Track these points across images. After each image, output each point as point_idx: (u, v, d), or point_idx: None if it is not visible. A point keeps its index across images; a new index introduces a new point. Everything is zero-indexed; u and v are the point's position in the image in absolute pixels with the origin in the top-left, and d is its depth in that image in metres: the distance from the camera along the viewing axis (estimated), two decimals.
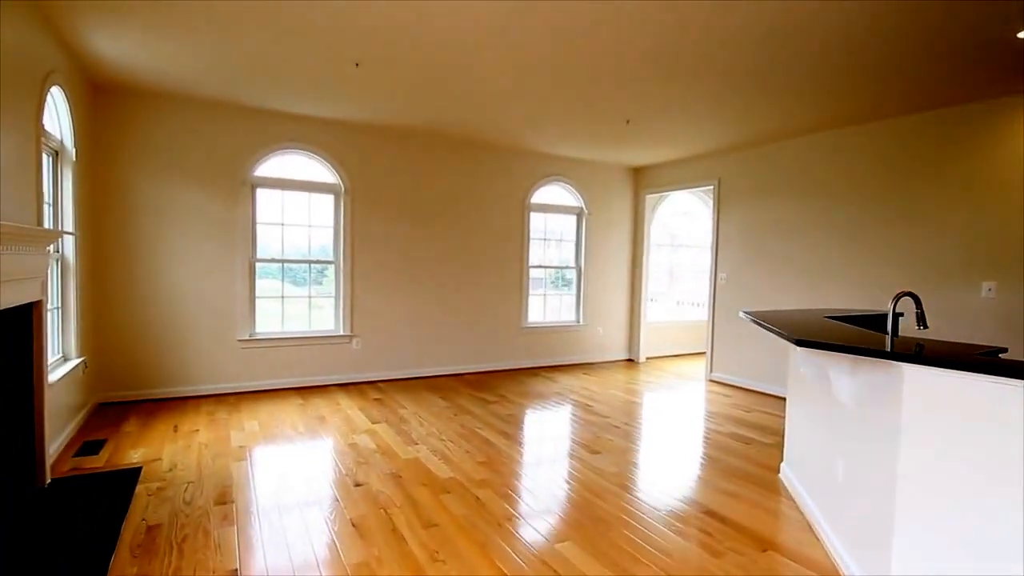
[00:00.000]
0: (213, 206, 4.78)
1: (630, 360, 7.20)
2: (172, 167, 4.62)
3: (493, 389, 5.39)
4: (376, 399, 4.88)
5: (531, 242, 6.47)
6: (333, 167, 5.26)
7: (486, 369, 6.21)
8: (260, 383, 5.04)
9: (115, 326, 4.49)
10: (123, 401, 4.55)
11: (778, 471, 3.42)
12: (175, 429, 3.93)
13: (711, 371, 6.13)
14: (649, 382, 5.97)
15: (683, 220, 8.45)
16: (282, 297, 5.20)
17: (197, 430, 3.93)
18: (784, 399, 5.22)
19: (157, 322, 4.63)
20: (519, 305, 6.39)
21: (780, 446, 3.87)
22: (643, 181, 7.10)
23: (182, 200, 4.67)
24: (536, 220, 6.56)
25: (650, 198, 7.10)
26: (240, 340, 4.93)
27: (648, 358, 7.33)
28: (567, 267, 6.88)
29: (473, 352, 6.13)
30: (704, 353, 7.70)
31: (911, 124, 4.43)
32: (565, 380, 5.91)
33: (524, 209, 6.37)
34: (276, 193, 5.12)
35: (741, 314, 3.51)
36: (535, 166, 6.40)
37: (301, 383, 5.21)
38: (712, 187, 6.12)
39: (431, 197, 5.77)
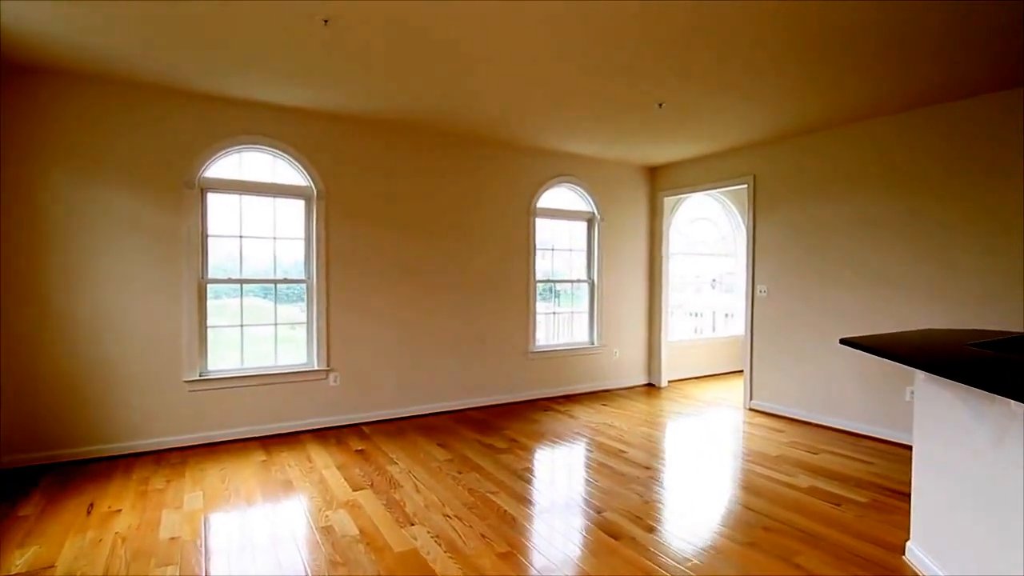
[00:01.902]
0: (151, 214, 3.83)
1: (650, 385, 6.33)
2: (98, 166, 3.67)
3: (500, 430, 4.47)
4: (359, 451, 3.93)
5: (537, 253, 5.60)
6: (302, 167, 4.34)
7: (489, 403, 5.29)
8: (213, 434, 4.05)
9: (21, 369, 3.50)
10: (35, 465, 3.55)
11: (902, 551, 2.55)
12: (89, 510, 2.95)
13: (750, 398, 5.28)
14: (680, 414, 5.09)
15: (696, 226, 7.65)
16: (241, 326, 4.24)
17: (119, 510, 2.95)
18: (856, 435, 4.37)
19: (78, 362, 3.64)
20: (525, 327, 5.50)
21: (885, 508, 3.01)
22: (661, 182, 6.28)
23: (111, 206, 3.71)
24: (542, 227, 5.70)
25: (668, 201, 6.28)
26: (187, 381, 3.96)
27: (670, 382, 6.47)
28: (579, 280, 6.01)
29: (474, 384, 5.20)
30: (731, 374, 6.92)
31: (999, 103, 3.66)
32: (583, 414, 5.01)
33: (529, 215, 5.50)
34: (232, 198, 4.19)
35: (840, 341, 2.66)
36: (540, 165, 5.55)
37: (266, 431, 4.24)
38: (745, 186, 5.32)
39: (421, 202, 4.88)
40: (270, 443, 4.07)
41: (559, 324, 5.98)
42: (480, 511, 2.95)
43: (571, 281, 5.98)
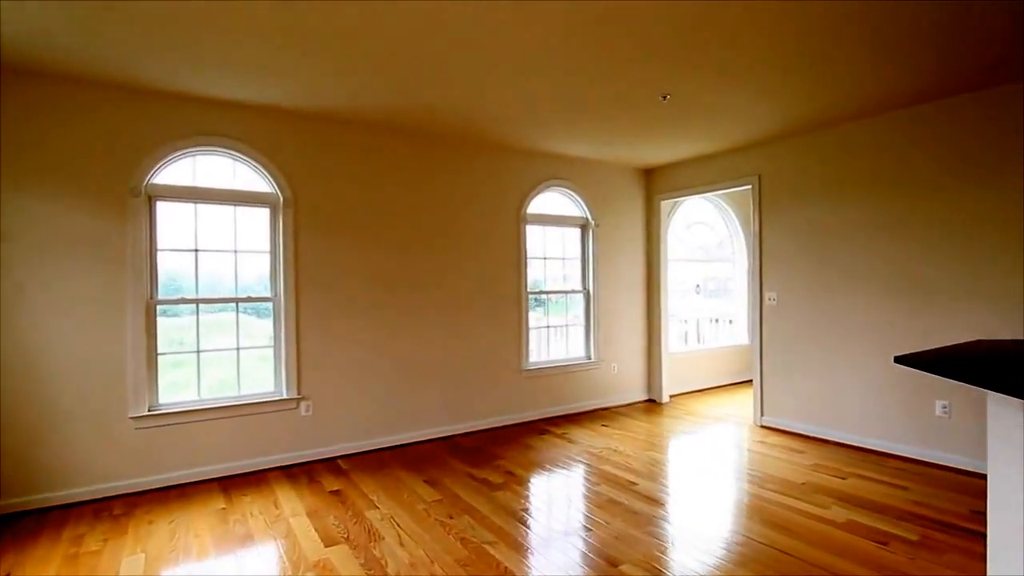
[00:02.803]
0: (89, 225, 3.34)
1: (651, 401, 5.94)
2: (26, 170, 3.17)
3: (494, 460, 4.02)
4: (334, 492, 3.45)
5: (529, 262, 5.19)
6: (267, 171, 3.88)
7: (481, 427, 4.83)
8: (165, 477, 3.54)
9: None
10: None
11: None
12: None
13: (761, 415, 4.91)
14: (687, 434, 4.69)
15: (692, 231, 7.32)
16: (197, 352, 3.74)
17: None
18: (881, 454, 4.00)
19: (2, 399, 3.12)
20: (518, 342, 5.07)
21: (937, 547, 2.63)
22: (657, 184, 5.93)
23: (40, 216, 3.21)
24: (533, 235, 5.29)
25: (664, 205, 5.93)
26: (134, 417, 3.45)
27: (671, 396, 6.09)
28: (573, 291, 5.61)
29: (463, 407, 4.75)
30: (733, 386, 6.56)
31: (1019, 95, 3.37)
32: (583, 437, 4.58)
33: (519, 221, 5.09)
34: (186, 207, 3.71)
35: (896, 360, 2.28)
36: (530, 168, 5.15)
37: (227, 471, 3.73)
38: (750, 187, 4.98)
39: (401, 210, 4.44)
40: (232, 485, 3.57)
41: (553, 338, 5.56)
42: (476, 569, 2.49)
43: (565, 292, 5.58)
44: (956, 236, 3.70)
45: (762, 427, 4.86)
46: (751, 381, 6.79)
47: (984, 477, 3.53)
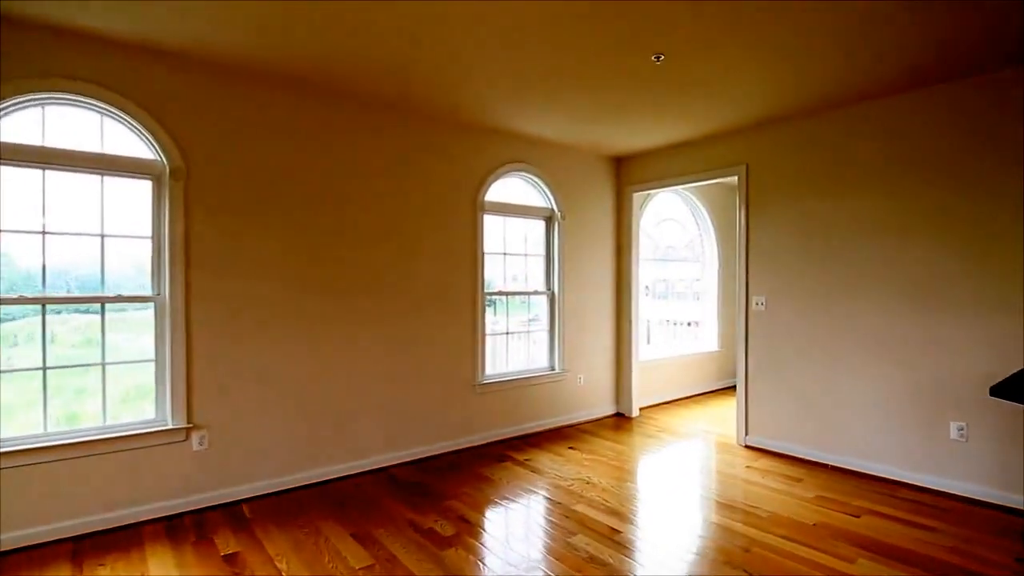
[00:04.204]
0: None
1: (620, 415, 5.33)
2: None
3: (442, 501, 3.26)
4: (229, 557, 2.60)
5: (486, 258, 4.46)
6: (150, 133, 2.97)
7: (427, 454, 4.06)
8: None
9: None
10: None
11: None
12: None
13: (745, 434, 4.37)
14: (666, 459, 4.09)
15: (661, 228, 6.79)
16: (43, 368, 2.80)
17: None
18: (890, 483, 3.49)
19: None
20: (472, 352, 4.32)
21: None
22: (629, 174, 5.33)
23: None
24: (491, 227, 4.56)
25: (636, 198, 5.33)
26: None
27: (641, 409, 5.50)
28: (537, 292, 4.91)
29: (405, 430, 3.96)
30: (702, 396, 6.06)
31: None
32: (549, 465, 3.89)
33: (476, 210, 4.35)
34: (31, 175, 2.76)
35: (992, 392, 1.70)
36: (490, 148, 4.42)
37: (86, 527, 2.81)
38: (736, 177, 4.44)
39: (331, 190, 3.61)
40: (88, 550, 2.65)
41: (512, 346, 4.85)
42: None
43: (527, 293, 4.88)
44: (976, 234, 3.25)
45: (747, 447, 4.32)
46: (722, 391, 6.35)
47: (1011, 512, 3.07)
